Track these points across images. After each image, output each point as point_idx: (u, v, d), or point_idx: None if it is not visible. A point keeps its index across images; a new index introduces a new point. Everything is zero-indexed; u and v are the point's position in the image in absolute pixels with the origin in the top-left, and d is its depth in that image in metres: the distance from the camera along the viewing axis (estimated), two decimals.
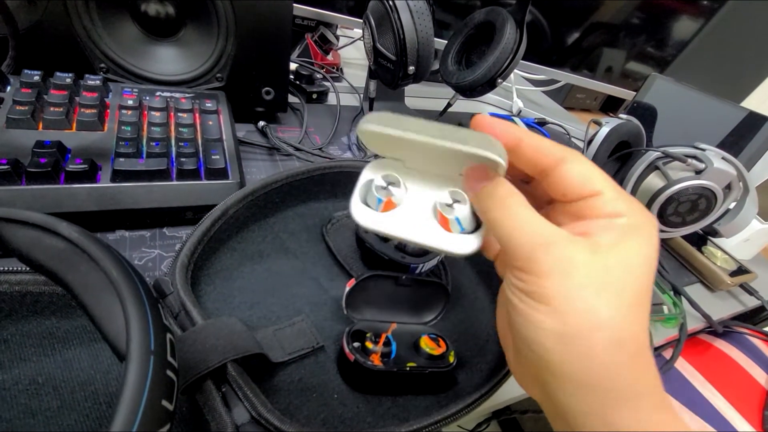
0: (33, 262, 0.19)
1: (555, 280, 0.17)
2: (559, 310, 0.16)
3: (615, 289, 0.17)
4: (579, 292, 0.16)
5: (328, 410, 0.25)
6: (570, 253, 0.17)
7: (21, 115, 0.31)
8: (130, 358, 0.15)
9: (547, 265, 0.17)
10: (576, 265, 0.17)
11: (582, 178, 0.18)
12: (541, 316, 0.17)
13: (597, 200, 0.18)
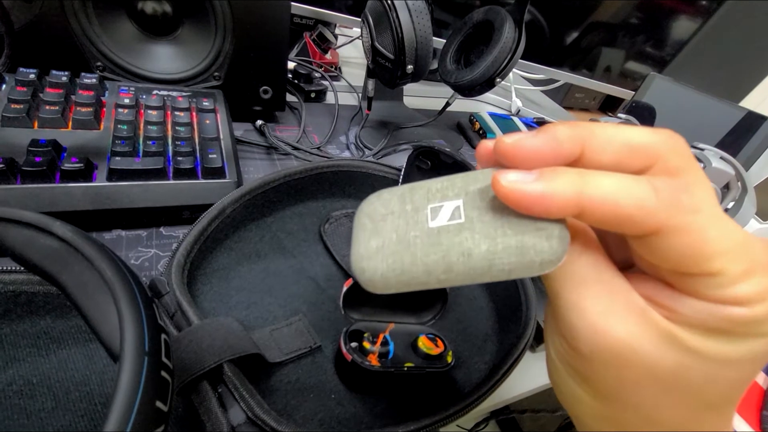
0: (27, 262, 0.19)
1: (608, 370, 0.13)
2: (608, 397, 0.14)
3: (685, 396, 0.13)
4: (636, 388, 0.13)
5: (325, 410, 0.25)
6: (635, 342, 0.13)
7: (16, 113, 0.31)
8: (123, 359, 0.15)
9: (602, 353, 0.13)
10: (639, 360, 0.13)
11: (690, 254, 0.12)
12: (584, 394, 0.14)
13: (709, 281, 0.12)
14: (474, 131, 0.67)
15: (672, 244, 0.12)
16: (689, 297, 0.13)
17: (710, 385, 0.13)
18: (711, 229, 0.12)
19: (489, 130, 0.65)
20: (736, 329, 0.12)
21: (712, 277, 0.12)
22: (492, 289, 0.36)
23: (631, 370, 0.13)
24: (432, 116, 0.61)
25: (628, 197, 0.12)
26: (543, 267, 0.13)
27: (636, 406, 0.13)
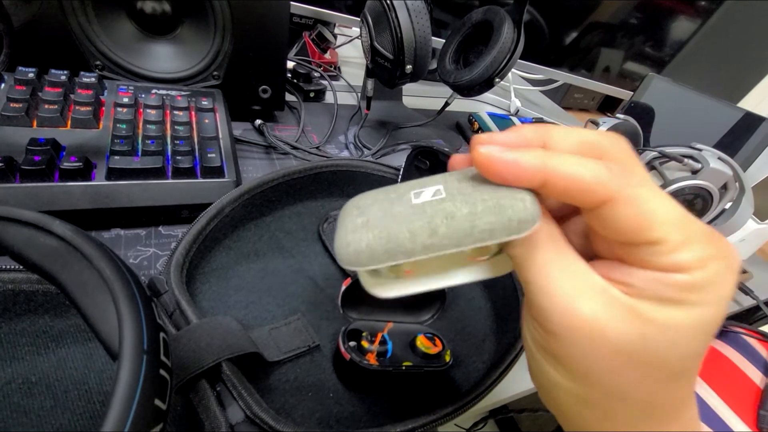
0: (26, 261, 0.19)
1: (578, 348, 0.14)
2: (581, 377, 0.14)
3: (649, 367, 0.14)
4: (605, 363, 0.14)
5: (323, 409, 0.25)
6: (599, 319, 0.14)
7: (15, 112, 0.31)
8: (122, 357, 0.15)
9: (571, 331, 0.14)
10: (605, 336, 0.14)
11: (636, 223, 0.14)
12: (559, 377, 0.15)
13: (653, 249, 0.14)
14: (473, 131, 0.67)
15: (620, 214, 0.14)
16: (640, 269, 0.14)
17: (671, 354, 0.14)
18: (652, 201, 0.14)
19: (488, 130, 0.65)
20: (682, 297, 0.14)
21: (655, 245, 0.14)
22: (490, 289, 0.36)
23: (599, 345, 0.14)
24: (431, 116, 0.61)
25: (585, 170, 0.14)
26: (521, 226, 0.14)
27: (607, 382, 0.14)
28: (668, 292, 0.14)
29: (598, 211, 0.14)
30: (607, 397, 0.15)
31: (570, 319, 0.14)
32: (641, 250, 0.14)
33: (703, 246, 0.14)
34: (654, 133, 0.66)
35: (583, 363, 0.14)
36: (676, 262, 0.13)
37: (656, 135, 0.66)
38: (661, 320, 0.14)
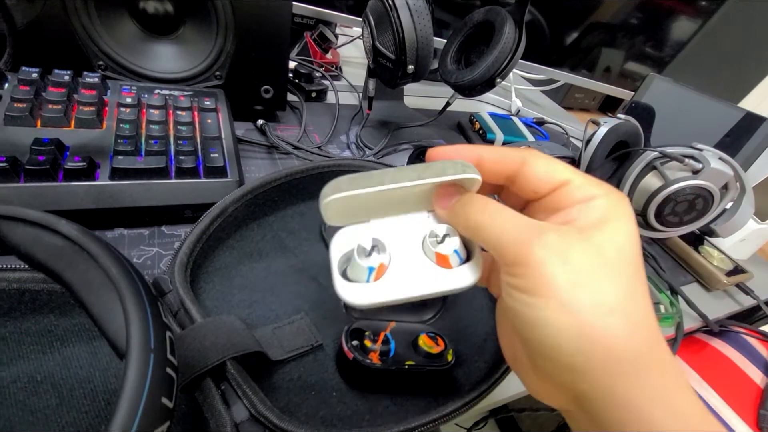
0: (32, 260, 0.19)
1: (552, 267, 0.16)
2: (564, 299, 0.16)
3: (613, 269, 0.16)
4: (579, 276, 0.16)
5: (326, 408, 0.25)
6: (561, 238, 0.17)
7: (19, 112, 0.31)
8: (129, 356, 0.15)
9: (541, 253, 0.16)
10: (570, 249, 0.16)
11: (547, 171, 0.19)
12: (548, 313, 0.16)
13: (567, 189, 0.18)
14: (474, 131, 0.68)
15: (534, 169, 0.19)
16: (561, 211, 0.18)
17: (614, 262, 0.17)
18: (551, 160, 0.19)
19: (489, 130, 0.65)
20: (603, 217, 0.17)
21: (566, 185, 0.18)
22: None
23: (548, 260, 0.16)
24: (432, 116, 0.61)
25: (506, 150, 0.20)
26: (465, 168, 0.19)
27: (562, 295, 0.16)
28: (591, 216, 0.17)
29: (520, 173, 0.19)
30: (564, 309, 0.16)
31: (523, 246, 0.17)
32: (560, 193, 0.19)
33: (596, 183, 0.18)
34: (655, 133, 0.66)
35: (540, 281, 0.16)
36: (586, 194, 0.18)
37: (657, 135, 0.66)
38: (603, 230, 0.17)
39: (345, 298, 0.20)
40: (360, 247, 0.21)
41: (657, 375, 0.16)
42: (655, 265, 0.50)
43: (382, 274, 0.21)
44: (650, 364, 0.16)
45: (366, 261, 0.20)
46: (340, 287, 0.20)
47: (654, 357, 0.16)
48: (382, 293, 0.20)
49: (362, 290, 0.20)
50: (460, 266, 0.21)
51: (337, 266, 0.21)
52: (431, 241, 0.21)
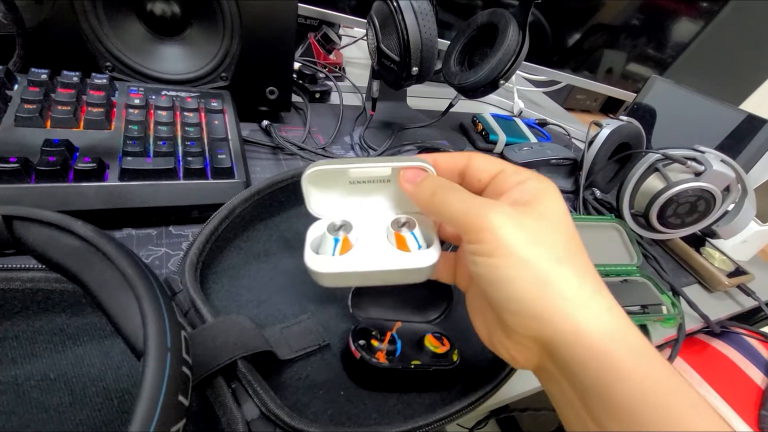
0: (49, 261, 0.19)
1: (508, 230, 0.19)
2: (523, 255, 0.18)
3: (557, 229, 0.20)
4: (533, 235, 0.19)
5: (334, 407, 0.25)
6: (511, 208, 0.20)
7: (29, 113, 0.32)
8: (147, 355, 0.15)
9: (498, 219, 0.19)
10: (520, 216, 0.19)
11: (486, 164, 0.23)
12: (510, 270, 0.19)
13: (503, 176, 0.22)
14: (477, 132, 0.68)
15: (477, 165, 0.23)
16: (503, 194, 0.22)
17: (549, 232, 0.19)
18: (489, 156, 0.24)
19: (492, 131, 0.66)
20: (534, 197, 0.20)
21: (501, 173, 0.22)
22: None
23: (504, 224, 0.19)
24: (435, 117, 0.61)
25: (455, 153, 0.24)
26: (421, 161, 0.24)
27: (520, 252, 0.18)
28: (528, 194, 0.21)
29: (467, 169, 0.24)
30: (520, 265, 0.18)
31: (488, 206, 0.20)
32: (498, 180, 0.22)
33: (523, 169, 0.22)
34: (657, 135, 0.66)
35: (497, 244, 0.19)
36: (519, 178, 0.21)
37: (659, 136, 0.66)
38: (535, 204, 0.20)
39: (310, 265, 0.23)
40: (331, 223, 0.25)
41: (608, 315, 0.18)
42: (656, 266, 0.50)
43: (348, 250, 0.24)
44: (601, 305, 0.18)
45: (333, 234, 0.24)
46: (308, 257, 0.24)
47: (603, 300, 0.18)
48: (342, 264, 0.24)
49: (326, 260, 0.24)
50: (418, 251, 0.24)
51: (310, 245, 0.25)
52: (393, 226, 0.25)
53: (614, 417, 0.17)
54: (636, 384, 0.17)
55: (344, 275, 0.24)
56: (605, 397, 0.17)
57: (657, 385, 0.17)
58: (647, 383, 0.17)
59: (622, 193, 0.51)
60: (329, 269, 0.23)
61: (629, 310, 0.41)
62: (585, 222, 0.48)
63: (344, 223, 0.25)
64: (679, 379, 0.17)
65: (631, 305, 0.41)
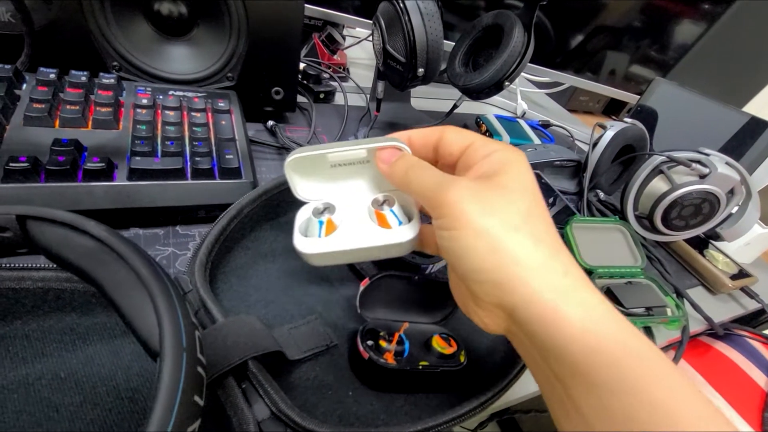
0: (62, 260, 0.19)
1: (464, 203, 0.20)
2: (478, 226, 0.20)
3: (515, 199, 0.20)
4: (487, 207, 0.20)
5: (343, 408, 0.25)
6: (471, 182, 0.21)
7: (38, 113, 0.32)
8: (163, 356, 0.15)
9: (455, 194, 0.20)
10: (478, 188, 0.21)
11: (457, 137, 0.24)
12: (468, 240, 0.20)
13: (473, 148, 0.23)
14: (480, 133, 0.68)
15: (449, 138, 0.24)
16: (473, 166, 0.22)
17: (511, 202, 0.20)
18: (461, 129, 0.24)
19: (496, 132, 0.66)
20: (502, 168, 0.21)
21: (471, 146, 0.23)
22: None
23: (462, 198, 0.20)
24: (439, 118, 0.61)
25: (428, 128, 0.25)
26: (395, 141, 0.25)
27: (475, 223, 0.20)
28: (494, 165, 0.21)
29: (439, 144, 0.25)
30: (477, 234, 0.20)
31: (450, 182, 0.21)
32: (468, 152, 0.23)
33: (493, 141, 0.23)
34: (660, 137, 0.66)
35: (459, 214, 0.20)
36: (487, 150, 0.22)
37: (663, 138, 0.66)
38: (498, 176, 0.21)
39: (299, 247, 0.25)
40: (315, 207, 0.27)
41: (563, 277, 0.19)
42: (660, 268, 0.50)
43: (333, 231, 0.26)
44: (555, 269, 0.19)
45: (318, 217, 0.26)
46: (297, 240, 0.26)
47: (558, 264, 0.19)
48: (329, 244, 0.25)
49: (314, 242, 0.25)
50: (398, 227, 0.26)
51: (299, 228, 0.26)
52: (374, 204, 0.26)
53: (573, 377, 0.18)
54: (588, 344, 0.18)
55: (331, 254, 0.25)
56: (561, 357, 0.18)
57: (611, 345, 0.18)
58: (600, 344, 0.18)
59: (627, 194, 0.52)
60: (316, 250, 0.25)
61: (634, 312, 0.41)
62: (589, 224, 0.48)
63: (327, 205, 0.27)
64: (633, 335, 0.18)
65: (635, 307, 0.41)
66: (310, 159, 0.26)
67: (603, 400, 0.17)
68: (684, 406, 0.17)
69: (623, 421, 0.17)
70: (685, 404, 0.17)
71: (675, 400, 0.17)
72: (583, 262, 0.44)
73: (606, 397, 0.17)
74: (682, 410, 0.16)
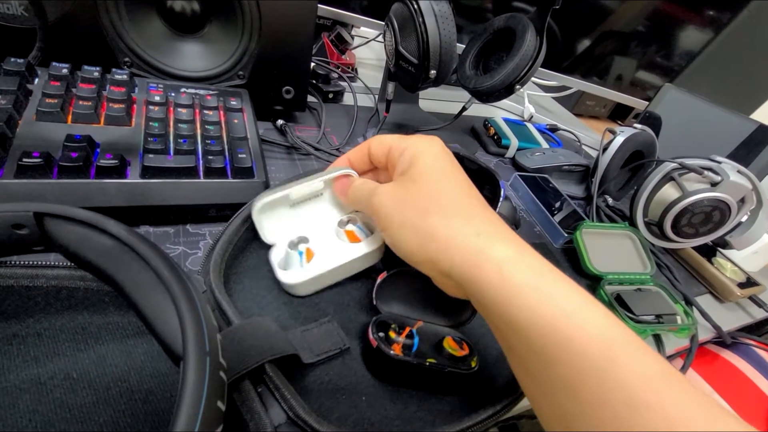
0: (81, 259, 0.19)
1: (380, 209, 0.25)
2: (386, 228, 0.25)
3: (411, 199, 0.24)
4: (391, 210, 0.25)
5: (357, 412, 0.25)
6: (386, 188, 0.25)
7: (51, 108, 0.31)
8: (187, 360, 0.15)
9: (375, 201, 0.25)
10: (389, 194, 0.25)
11: (378, 146, 0.28)
12: (389, 239, 0.25)
13: (391, 152, 0.27)
14: (488, 136, 0.68)
15: (372, 147, 0.28)
16: (395, 168, 0.26)
17: (425, 190, 0.24)
18: (382, 136, 0.28)
19: (504, 135, 0.66)
20: (411, 161, 0.25)
21: (390, 147, 0.27)
22: None
23: (380, 206, 0.25)
24: (447, 120, 0.61)
25: (359, 146, 0.30)
26: (341, 169, 0.30)
27: (385, 225, 0.25)
28: (405, 163, 0.25)
29: (370, 156, 0.29)
30: (388, 229, 0.25)
31: (373, 193, 0.26)
32: (390, 157, 0.27)
33: (407, 137, 0.27)
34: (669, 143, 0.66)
35: (379, 219, 0.25)
36: (401, 149, 0.26)
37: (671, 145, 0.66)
38: (408, 173, 0.25)
39: (285, 281, 0.28)
40: (290, 241, 0.30)
41: (474, 239, 0.22)
42: (669, 275, 0.50)
43: (311, 258, 0.29)
44: (468, 233, 0.22)
45: (296, 249, 0.29)
46: (281, 275, 0.28)
47: (470, 229, 0.23)
48: (313, 269, 0.28)
49: (299, 272, 0.28)
50: (366, 238, 0.30)
51: (278, 266, 0.29)
52: (340, 225, 0.31)
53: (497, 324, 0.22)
54: (501, 294, 0.21)
55: (317, 279, 0.29)
56: (481, 307, 0.22)
57: (526, 289, 0.20)
58: (517, 287, 0.21)
59: (636, 201, 0.51)
60: (303, 278, 0.28)
61: (644, 319, 0.41)
62: (599, 229, 0.48)
63: (300, 238, 0.30)
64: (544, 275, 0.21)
65: (645, 314, 0.41)
66: (275, 201, 0.29)
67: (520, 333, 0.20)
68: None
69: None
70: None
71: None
72: (593, 269, 0.44)
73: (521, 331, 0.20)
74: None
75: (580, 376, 0.18)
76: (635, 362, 0.18)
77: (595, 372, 0.18)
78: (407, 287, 0.31)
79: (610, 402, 0.17)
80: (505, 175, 0.61)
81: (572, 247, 0.47)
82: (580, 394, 0.18)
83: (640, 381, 0.17)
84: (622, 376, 0.18)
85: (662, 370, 0.18)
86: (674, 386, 0.18)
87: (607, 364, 0.18)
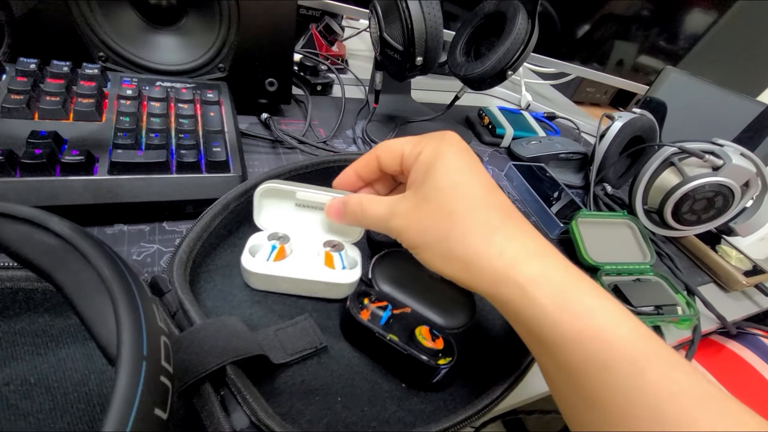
0: (22, 258, 0.18)
1: (403, 234, 0.24)
2: (413, 246, 0.24)
3: (426, 216, 0.23)
4: (412, 225, 0.24)
5: (331, 414, 0.24)
6: (403, 203, 0.24)
7: (16, 104, 0.30)
8: (120, 364, 0.14)
9: (395, 223, 0.24)
10: (407, 210, 0.24)
11: (388, 154, 0.26)
12: (423, 256, 0.24)
13: (404, 157, 0.25)
14: (483, 126, 0.66)
15: (382, 155, 0.27)
16: (409, 176, 0.25)
17: (445, 198, 0.23)
18: (390, 141, 0.27)
19: (498, 124, 0.64)
20: (427, 169, 0.24)
21: (402, 153, 0.26)
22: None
23: (401, 227, 0.24)
24: (440, 110, 0.59)
25: (366, 155, 0.28)
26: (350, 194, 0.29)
27: (420, 245, 0.24)
28: (421, 170, 0.24)
29: (380, 165, 0.27)
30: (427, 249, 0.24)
31: (389, 216, 0.25)
32: (402, 164, 0.26)
33: (419, 140, 0.25)
34: (671, 128, 0.64)
35: (403, 241, 0.25)
36: (415, 154, 0.25)
37: (674, 129, 0.64)
38: (426, 182, 0.24)
39: (244, 264, 0.27)
40: (273, 233, 0.30)
41: (499, 260, 0.22)
42: (670, 264, 0.48)
43: (281, 258, 0.28)
44: (491, 255, 0.22)
45: (272, 242, 0.29)
46: (244, 258, 0.28)
47: (493, 250, 0.22)
48: (274, 268, 0.28)
49: (261, 263, 0.28)
50: (342, 270, 0.29)
51: (249, 248, 0.28)
52: (325, 245, 0.30)
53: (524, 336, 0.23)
54: (530, 301, 0.21)
55: (273, 278, 0.28)
56: (507, 318, 0.23)
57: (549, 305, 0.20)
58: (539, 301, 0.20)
59: (635, 188, 0.49)
60: (261, 270, 0.27)
61: (643, 310, 0.39)
62: (596, 218, 0.46)
63: (284, 235, 0.30)
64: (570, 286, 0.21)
65: (644, 306, 0.40)
66: (281, 192, 0.29)
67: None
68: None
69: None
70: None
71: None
72: (589, 259, 0.42)
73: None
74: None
75: (607, 392, 0.18)
76: (665, 379, 0.18)
77: (622, 389, 0.18)
78: (405, 273, 0.31)
79: (638, 418, 0.17)
80: (500, 165, 0.59)
81: (568, 237, 0.45)
82: (608, 407, 0.18)
83: (668, 398, 0.17)
84: (650, 393, 0.17)
85: (694, 387, 0.18)
86: (708, 404, 0.17)
87: (634, 381, 0.18)
